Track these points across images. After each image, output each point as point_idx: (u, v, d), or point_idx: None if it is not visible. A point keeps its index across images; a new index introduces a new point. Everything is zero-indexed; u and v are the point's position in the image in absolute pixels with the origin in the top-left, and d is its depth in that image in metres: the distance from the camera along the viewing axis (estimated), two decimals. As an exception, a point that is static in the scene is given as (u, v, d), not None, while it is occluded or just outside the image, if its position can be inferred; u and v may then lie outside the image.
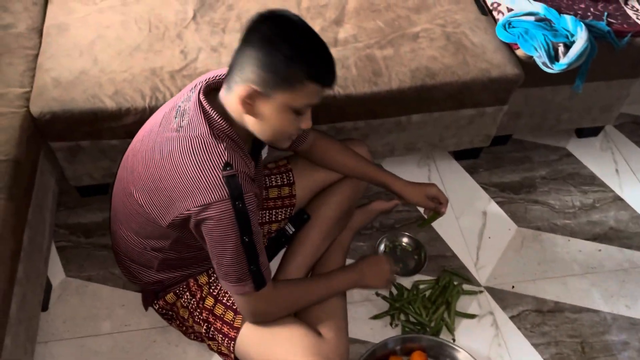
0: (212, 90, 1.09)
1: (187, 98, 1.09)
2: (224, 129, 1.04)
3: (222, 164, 1.01)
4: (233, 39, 1.51)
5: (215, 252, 1.07)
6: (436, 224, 1.69)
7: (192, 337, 1.34)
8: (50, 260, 1.49)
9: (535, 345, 1.48)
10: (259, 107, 1.02)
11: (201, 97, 1.05)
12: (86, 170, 1.50)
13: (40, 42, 1.48)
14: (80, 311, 1.46)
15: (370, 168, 1.44)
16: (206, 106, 1.04)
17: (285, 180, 1.45)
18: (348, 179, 1.47)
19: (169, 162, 1.04)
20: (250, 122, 1.05)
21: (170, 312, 1.32)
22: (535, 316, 1.54)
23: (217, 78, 1.11)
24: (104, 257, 1.56)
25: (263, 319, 1.21)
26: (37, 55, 1.45)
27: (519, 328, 1.52)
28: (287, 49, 0.97)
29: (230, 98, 1.04)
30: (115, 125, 1.38)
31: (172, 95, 1.37)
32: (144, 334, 1.43)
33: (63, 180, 1.55)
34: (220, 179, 1.01)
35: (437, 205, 1.46)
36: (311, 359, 1.18)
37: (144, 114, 1.36)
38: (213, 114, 1.04)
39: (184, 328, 1.33)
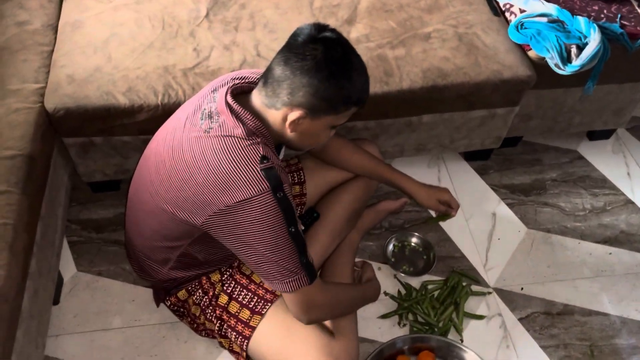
0: (238, 93, 1.09)
1: (211, 99, 1.09)
2: (257, 126, 1.05)
3: (259, 158, 1.02)
4: (245, 38, 1.51)
5: (261, 252, 1.04)
6: (446, 225, 1.69)
7: (202, 334, 1.35)
8: (62, 255, 1.50)
9: (544, 348, 1.48)
10: (303, 126, 1.05)
11: (229, 99, 1.05)
12: (98, 167, 1.52)
13: (55, 39, 1.50)
14: (90, 306, 1.47)
15: (383, 168, 1.44)
16: (236, 107, 1.04)
17: (296, 178, 1.45)
18: (359, 179, 1.47)
19: (201, 161, 1.03)
20: (290, 136, 1.07)
21: (181, 309, 1.32)
22: (544, 318, 1.54)
23: (243, 82, 1.11)
24: (115, 253, 1.57)
25: (319, 315, 1.18)
26: (52, 52, 1.46)
27: (528, 330, 1.51)
28: (342, 80, 1.00)
29: (274, 114, 1.04)
30: (128, 122, 1.39)
31: (184, 93, 1.38)
32: (153, 329, 1.44)
33: (75, 176, 1.57)
34: (259, 172, 1.00)
35: (448, 208, 1.47)
36: (322, 358, 1.18)
37: (157, 111, 1.37)
38: (245, 114, 1.04)
39: (195, 325, 1.33)
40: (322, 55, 0.99)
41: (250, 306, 1.25)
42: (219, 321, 1.27)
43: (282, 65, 1.01)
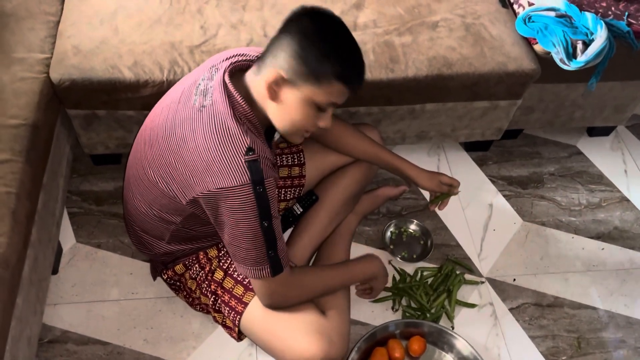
0: (237, 71, 1.10)
1: (209, 77, 1.10)
2: (246, 112, 1.05)
3: (245, 149, 1.02)
4: (253, 17, 1.51)
5: (233, 236, 1.07)
6: (442, 214, 1.71)
7: (197, 308, 1.37)
8: (62, 225, 1.51)
9: (532, 338, 1.51)
10: (284, 95, 1.03)
11: (226, 78, 1.06)
12: (101, 139, 1.52)
13: (62, 9, 1.49)
14: (88, 276, 1.49)
15: (385, 152, 1.45)
16: (231, 88, 1.05)
17: (296, 160, 1.46)
18: (359, 163, 1.49)
19: (191, 140, 1.05)
20: (272, 109, 1.06)
21: (178, 283, 1.34)
22: (534, 310, 1.56)
23: (242, 59, 1.12)
24: (114, 226, 1.58)
25: (279, 304, 1.21)
26: (58, 22, 1.46)
27: (517, 320, 1.54)
28: (322, 45, 1.00)
29: (258, 81, 1.05)
30: (133, 97, 1.40)
31: (190, 70, 1.38)
32: (150, 302, 1.46)
33: (77, 148, 1.57)
34: (242, 163, 1.01)
35: (450, 187, 1.48)
36: (314, 337, 1.20)
37: (162, 87, 1.37)
38: (237, 97, 1.05)
39: (191, 299, 1.35)
40: (307, 21, 1.01)
41: (245, 283, 1.27)
42: (213, 296, 1.29)
43: (273, 40, 1.04)
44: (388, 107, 1.57)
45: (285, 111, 1.06)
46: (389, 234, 1.66)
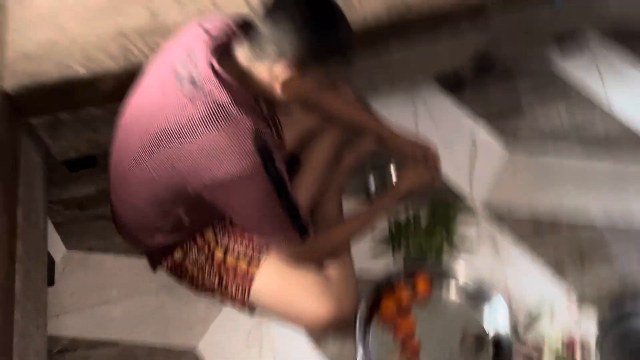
0: (220, 53, 1.04)
1: (192, 63, 1.03)
2: (245, 95, 1.03)
3: (250, 130, 1.00)
4: (200, -9, 1.46)
5: (251, 217, 1.08)
6: (428, 157, 1.70)
7: (202, 292, 1.36)
8: (50, 236, 1.49)
9: (535, 261, 1.52)
10: (294, 86, 1.03)
11: (217, 66, 1.01)
12: (70, 144, 1.49)
13: (1, 19, 1.44)
14: (86, 282, 1.48)
15: (362, 117, 1.44)
16: (226, 77, 1.01)
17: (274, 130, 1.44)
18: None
19: (190, 132, 1.00)
20: (278, 93, 1.04)
21: (179, 271, 1.33)
22: (534, 235, 1.56)
23: (220, 42, 1.06)
24: (103, 227, 1.56)
25: (307, 263, 1.25)
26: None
27: (518, 242, 1.54)
28: (329, 30, 0.99)
29: (262, 71, 1.02)
30: (92, 94, 1.36)
31: (146, 57, 1.34)
32: (152, 296, 1.45)
33: (50, 158, 1.54)
34: (250, 146, 0.99)
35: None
36: (323, 298, 1.22)
37: (121, 79, 1.33)
38: (232, 82, 1.01)
39: (194, 285, 1.34)
40: (305, 4, 0.99)
41: (247, 258, 1.26)
42: (217, 277, 1.28)
43: (268, 21, 0.99)
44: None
45: (300, 100, 1.10)
46: (372, 185, 1.64)
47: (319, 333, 1.37)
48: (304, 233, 1.15)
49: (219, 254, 1.28)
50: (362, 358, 1.30)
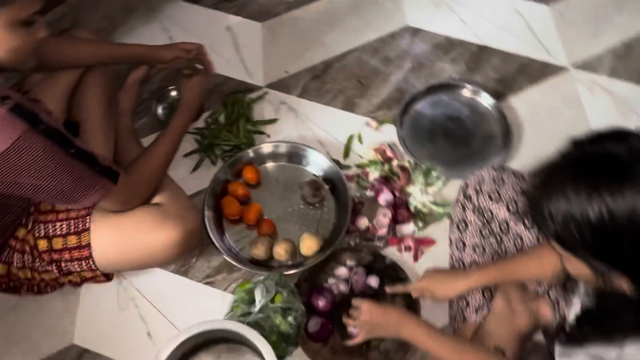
0: None
1: None
2: None
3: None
4: None
5: (52, 185, 1.01)
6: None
7: (48, 290, 1.28)
8: None
9: (327, 103, 1.67)
10: None
11: None
12: None
13: None
14: None
15: (111, 47, 1.39)
16: None
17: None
18: (94, 69, 1.39)
19: None
20: None
21: (11, 284, 1.23)
22: (316, 82, 1.71)
23: None
24: None
25: (141, 196, 1.23)
26: None
27: (309, 99, 1.68)
28: None
29: None
30: None
31: None
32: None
33: None
34: (6, 115, 0.91)
35: (196, 51, 1.46)
36: (165, 225, 1.21)
37: None
38: None
39: (35, 287, 1.26)
40: None
41: (72, 230, 1.21)
42: (54, 265, 1.21)
43: None
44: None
45: (16, 53, 0.97)
46: (159, 110, 1.63)
47: (180, 258, 1.35)
48: (112, 174, 1.11)
49: (42, 244, 1.20)
50: (229, 257, 1.35)
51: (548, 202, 0.70)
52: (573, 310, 0.90)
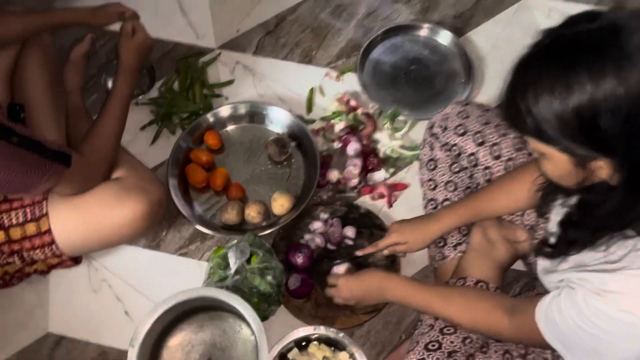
0: None
1: None
2: None
3: None
4: None
5: (7, 174, 0.95)
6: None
7: (15, 281, 1.23)
8: None
9: (284, 58, 1.61)
10: None
11: None
12: None
13: None
14: None
15: (39, 16, 1.28)
16: None
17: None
18: (30, 44, 1.30)
19: None
20: None
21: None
22: (270, 38, 1.64)
23: None
24: None
25: (100, 174, 1.19)
26: None
27: (264, 56, 1.62)
28: None
29: None
30: None
31: None
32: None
33: None
34: None
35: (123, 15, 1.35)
36: (127, 198, 1.17)
37: None
38: None
39: (2, 282, 1.20)
40: None
41: (29, 218, 1.15)
42: (15, 256, 1.16)
43: None
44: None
45: None
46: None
47: (148, 231, 1.28)
48: (63, 157, 1.05)
49: (0, 236, 1.14)
50: (200, 225, 1.31)
51: (524, 95, 0.68)
52: (552, 224, 0.89)
